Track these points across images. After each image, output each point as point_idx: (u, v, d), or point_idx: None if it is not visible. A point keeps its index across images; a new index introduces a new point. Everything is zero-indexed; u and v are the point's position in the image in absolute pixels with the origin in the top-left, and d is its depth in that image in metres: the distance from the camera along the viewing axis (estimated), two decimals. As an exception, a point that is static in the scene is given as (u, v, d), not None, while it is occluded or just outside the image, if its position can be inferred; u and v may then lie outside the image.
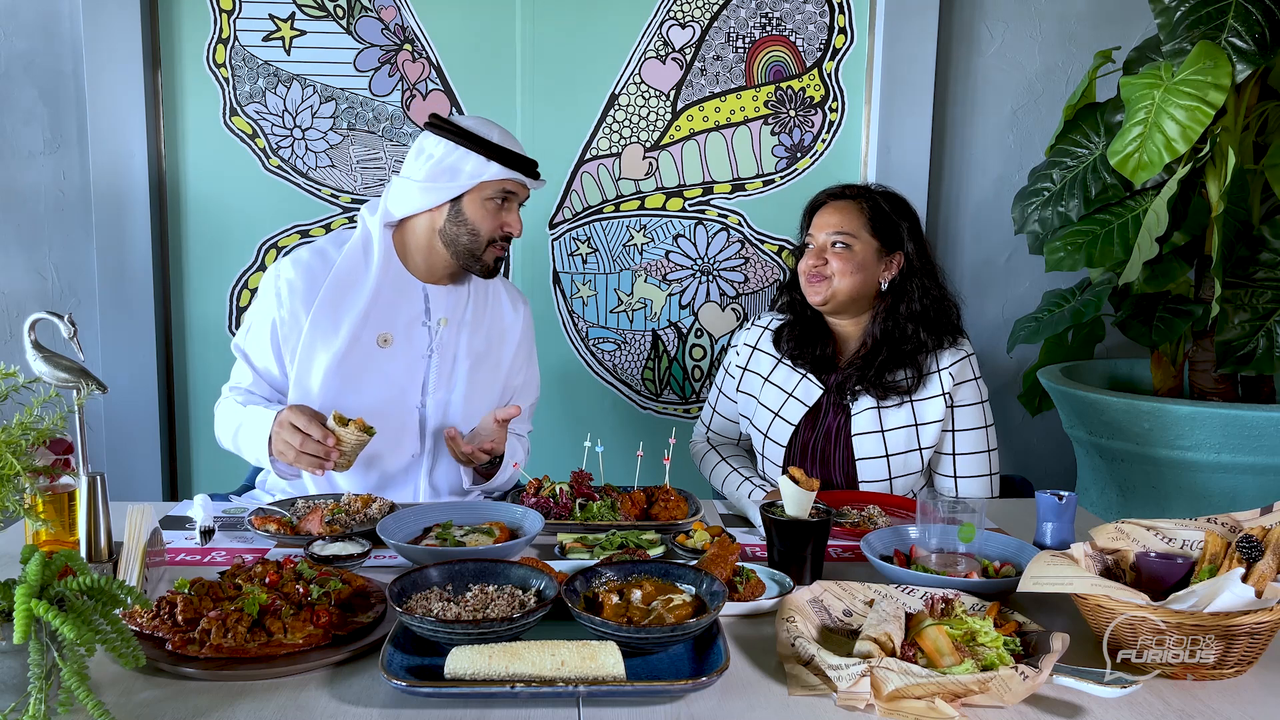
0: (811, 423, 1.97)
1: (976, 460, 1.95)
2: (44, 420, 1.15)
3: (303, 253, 1.91)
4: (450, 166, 1.83)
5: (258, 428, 1.76)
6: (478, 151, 1.82)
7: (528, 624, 1.13)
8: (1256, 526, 1.23)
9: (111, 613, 1.00)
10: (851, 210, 1.94)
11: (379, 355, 1.86)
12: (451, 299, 1.94)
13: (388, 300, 1.88)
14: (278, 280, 1.87)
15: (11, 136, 2.61)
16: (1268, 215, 2.42)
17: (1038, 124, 2.81)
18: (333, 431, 1.64)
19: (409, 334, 1.90)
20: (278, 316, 1.86)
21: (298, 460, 1.65)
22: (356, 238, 1.89)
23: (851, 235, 1.91)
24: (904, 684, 1.03)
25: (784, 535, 1.41)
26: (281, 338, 1.86)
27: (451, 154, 1.83)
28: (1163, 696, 1.09)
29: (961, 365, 1.93)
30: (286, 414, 1.67)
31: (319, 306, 1.84)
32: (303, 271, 1.87)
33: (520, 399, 2.04)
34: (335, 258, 1.89)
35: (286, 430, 1.65)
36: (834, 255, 1.91)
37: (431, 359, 1.90)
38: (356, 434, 1.64)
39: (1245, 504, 2.20)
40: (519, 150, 1.86)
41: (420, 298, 1.92)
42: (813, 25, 2.73)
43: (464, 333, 1.93)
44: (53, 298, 2.69)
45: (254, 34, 2.63)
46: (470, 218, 1.85)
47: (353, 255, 1.88)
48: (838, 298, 1.92)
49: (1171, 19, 2.23)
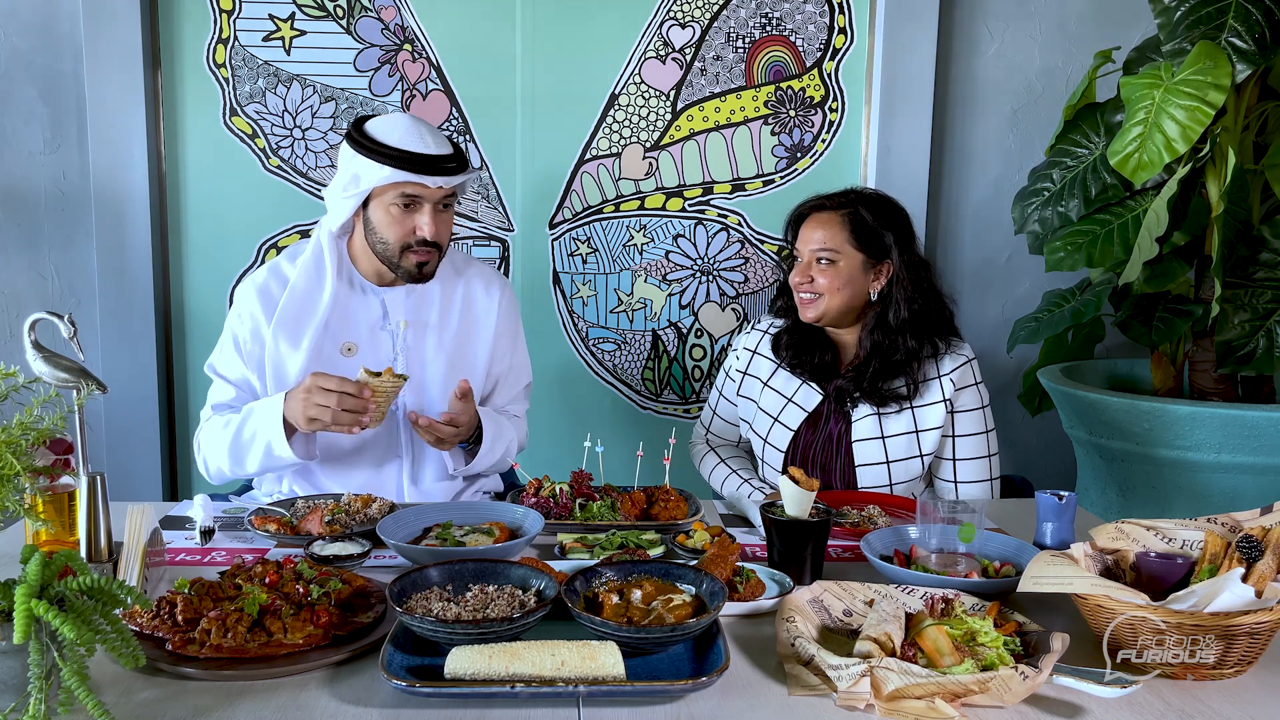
0: (811, 428, 1.97)
1: (977, 465, 1.94)
2: (44, 420, 1.15)
3: (260, 274, 1.92)
4: (354, 174, 1.80)
5: (267, 414, 1.74)
6: (369, 156, 1.77)
7: (528, 624, 1.13)
8: (1256, 526, 1.23)
9: (111, 613, 1.00)
10: (834, 224, 1.90)
11: (345, 365, 1.86)
12: (412, 301, 1.92)
13: (345, 309, 1.88)
14: (237, 304, 1.90)
15: (11, 136, 2.61)
16: (1268, 215, 2.42)
17: (1038, 124, 2.81)
18: (365, 384, 1.66)
19: (372, 341, 1.89)
20: (239, 337, 1.88)
21: (335, 420, 1.65)
22: (309, 251, 1.90)
23: (835, 250, 1.89)
24: (904, 684, 1.03)
25: (784, 535, 1.41)
26: (246, 355, 1.87)
27: (352, 161, 1.80)
28: (1163, 696, 1.09)
29: (963, 371, 1.92)
30: (311, 380, 1.67)
31: (278, 323, 1.84)
32: (259, 293, 1.88)
33: (512, 383, 2.02)
34: (289, 273, 1.89)
35: (318, 394, 1.65)
36: (819, 272, 1.90)
37: (398, 363, 1.90)
38: (391, 380, 1.67)
39: (1245, 504, 2.19)
40: (420, 149, 1.77)
41: (377, 303, 1.91)
42: (813, 25, 2.73)
43: (430, 334, 1.92)
44: (53, 298, 2.69)
45: (254, 34, 2.63)
46: (377, 225, 1.82)
47: (306, 270, 1.87)
48: (828, 314, 1.92)
49: (1171, 19, 2.23)
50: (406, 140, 1.78)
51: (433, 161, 1.78)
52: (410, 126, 1.80)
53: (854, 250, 1.89)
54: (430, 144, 1.79)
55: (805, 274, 1.91)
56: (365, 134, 1.80)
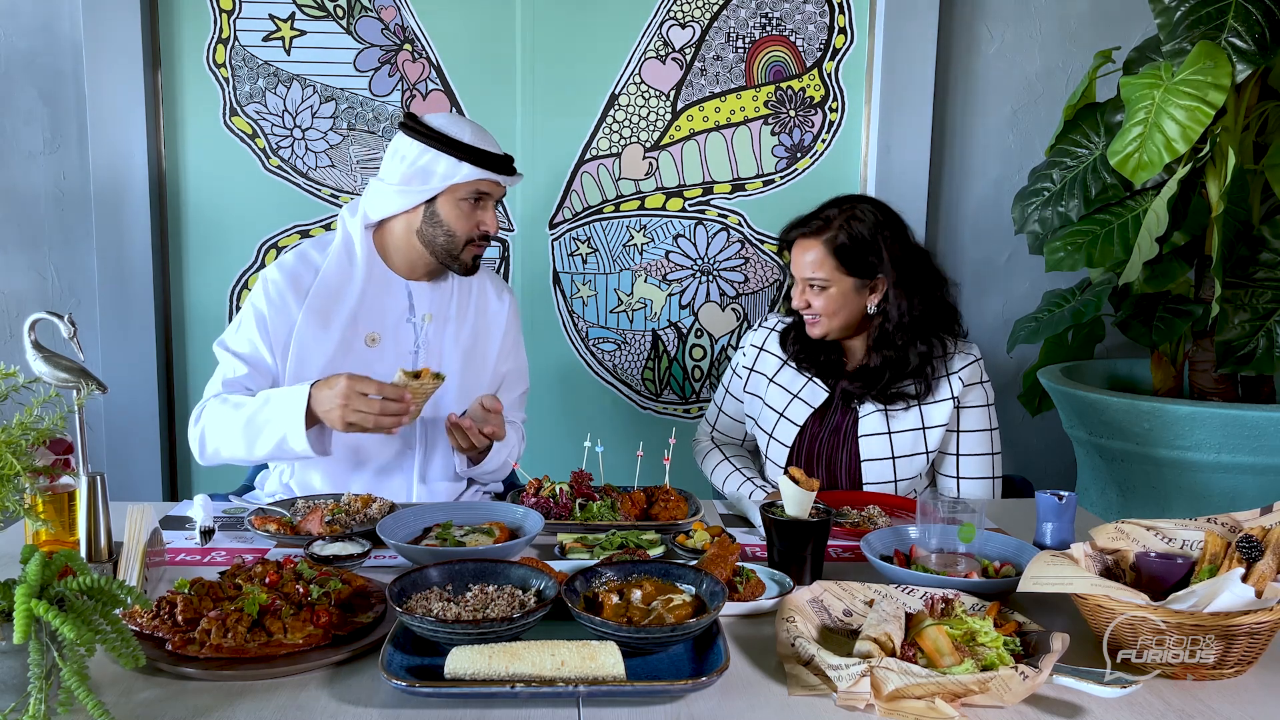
0: (818, 423, 1.97)
1: (980, 462, 1.95)
2: (44, 420, 1.15)
3: (287, 258, 1.91)
4: (423, 169, 1.82)
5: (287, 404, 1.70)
6: (448, 153, 1.81)
7: (528, 624, 1.13)
8: (1256, 526, 1.23)
9: (111, 613, 1.00)
10: (818, 251, 1.89)
11: (367, 355, 1.87)
12: (435, 295, 1.95)
13: (373, 300, 1.89)
14: (265, 285, 1.87)
15: (11, 136, 2.61)
16: (1268, 215, 2.42)
17: (1038, 124, 2.81)
18: (405, 386, 1.67)
19: (395, 332, 1.90)
20: (267, 315, 1.85)
21: (378, 426, 1.65)
22: (339, 240, 1.90)
23: (825, 279, 1.89)
24: (904, 684, 1.03)
25: (784, 535, 1.41)
26: (271, 333, 1.84)
27: (424, 156, 1.82)
28: (1163, 696, 1.09)
29: (971, 369, 1.93)
30: (348, 384, 1.64)
31: (308, 310, 1.84)
32: (288, 275, 1.87)
33: (511, 387, 2.04)
34: (319, 261, 1.89)
35: (357, 400, 1.64)
36: (814, 296, 1.92)
37: (418, 355, 1.91)
38: (431, 382, 1.69)
39: (1245, 504, 2.20)
40: (492, 148, 1.85)
41: (404, 295, 1.92)
42: (813, 25, 2.73)
43: (449, 328, 1.94)
44: (53, 298, 2.69)
45: (254, 34, 2.63)
46: (445, 219, 1.85)
47: (338, 258, 1.88)
48: (834, 332, 1.94)
49: (1171, 19, 2.23)
50: (479, 139, 1.83)
51: (505, 161, 1.86)
52: (473, 126, 1.86)
53: (842, 276, 1.89)
54: (496, 145, 1.87)
55: (802, 299, 1.93)
56: (437, 131, 1.82)
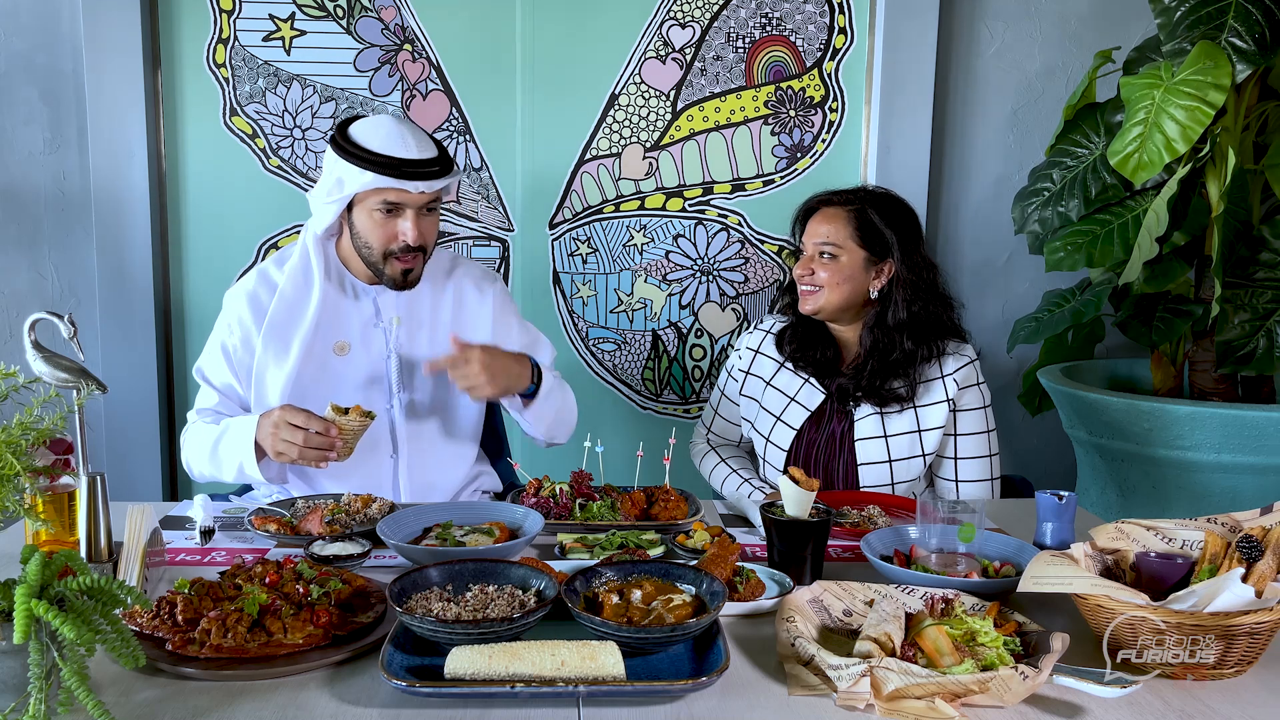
0: (814, 426, 1.97)
1: (978, 464, 1.95)
2: (44, 420, 1.15)
3: (249, 279, 1.92)
4: (337, 178, 1.78)
5: (240, 434, 1.75)
6: (352, 161, 1.74)
7: (528, 624, 1.13)
8: (1256, 526, 1.23)
9: (111, 613, 1.00)
10: (840, 219, 1.91)
11: (338, 364, 1.86)
12: (405, 300, 1.92)
13: (336, 309, 1.87)
14: (227, 311, 1.90)
15: (11, 136, 2.61)
16: (1268, 215, 2.42)
17: (1038, 124, 2.81)
18: (333, 421, 1.64)
19: (365, 339, 1.89)
20: (229, 343, 1.88)
21: (302, 456, 1.64)
22: (296, 256, 1.89)
23: (838, 246, 1.90)
24: (904, 684, 1.03)
25: (784, 535, 1.41)
26: (236, 362, 1.87)
27: (335, 165, 1.78)
28: (1163, 696, 1.09)
29: (966, 371, 1.93)
30: (280, 414, 1.66)
31: (267, 333, 1.84)
32: (247, 298, 1.88)
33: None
34: (277, 279, 1.89)
35: (285, 430, 1.65)
36: (821, 265, 1.91)
37: (391, 360, 1.90)
38: (359, 419, 1.66)
39: (1245, 504, 2.19)
40: (403, 154, 1.74)
41: (369, 302, 1.91)
42: (813, 25, 2.73)
43: (423, 332, 1.92)
44: (53, 298, 2.69)
45: (254, 34, 2.63)
46: (360, 230, 1.81)
47: (293, 275, 1.87)
48: (827, 308, 1.93)
49: (1171, 19, 2.23)
50: (388, 144, 1.74)
51: (414, 166, 1.74)
52: (393, 129, 1.77)
53: (856, 247, 1.90)
54: (413, 147, 1.75)
55: (807, 266, 1.93)
56: (348, 138, 1.78)
